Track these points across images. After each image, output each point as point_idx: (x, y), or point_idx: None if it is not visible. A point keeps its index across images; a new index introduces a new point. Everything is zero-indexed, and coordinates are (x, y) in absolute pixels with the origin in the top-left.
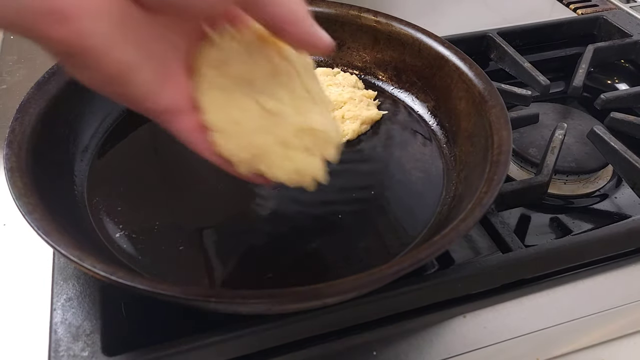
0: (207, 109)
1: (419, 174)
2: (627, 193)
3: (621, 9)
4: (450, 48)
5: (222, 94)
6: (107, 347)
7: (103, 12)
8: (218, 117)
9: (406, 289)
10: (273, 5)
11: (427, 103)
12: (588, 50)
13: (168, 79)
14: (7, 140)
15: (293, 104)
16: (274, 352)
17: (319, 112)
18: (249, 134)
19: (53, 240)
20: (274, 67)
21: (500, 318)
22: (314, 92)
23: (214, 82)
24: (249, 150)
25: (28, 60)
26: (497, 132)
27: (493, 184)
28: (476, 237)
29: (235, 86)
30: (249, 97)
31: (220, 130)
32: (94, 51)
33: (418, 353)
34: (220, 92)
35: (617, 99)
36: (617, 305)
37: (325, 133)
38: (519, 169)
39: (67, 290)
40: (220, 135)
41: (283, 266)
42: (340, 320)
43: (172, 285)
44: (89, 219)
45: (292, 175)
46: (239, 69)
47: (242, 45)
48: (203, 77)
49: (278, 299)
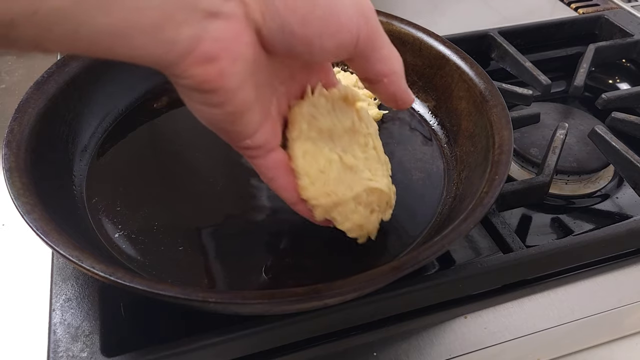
0: (297, 155)
1: (420, 174)
2: (629, 193)
3: (622, 8)
4: (451, 47)
5: (311, 144)
6: (106, 347)
7: (241, 55)
8: (307, 164)
9: (407, 290)
10: (379, 63)
11: (427, 103)
12: (589, 50)
13: (267, 119)
14: (6, 140)
15: (365, 162)
16: (274, 353)
17: (384, 174)
18: (331, 183)
19: (52, 241)
20: (352, 126)
21: (501, 319)
22: (380, 152)
23: (305, 133)
24: (329, 197)
25: (27, 60)
26: (498, 132)
27: (494, 184)
28: (477, 237)
29: (321, 138)
30: (333, 151)
31: (307, 176)
32: (228, 90)
33: (418, 354)
34: (310, 143)
35: (618, 99)
36: (619, 305)
37: (389, 196)
38: (520, 169)
39: (66, 291)
40: (307, 180)
41: (283, 266)
42: (340, 321)
43: (171, 286)
44: (88, 219)
45: (355, 228)
46: (325, 123)
47: (329, 103)
48: (297, 127)
49: (278, 299)
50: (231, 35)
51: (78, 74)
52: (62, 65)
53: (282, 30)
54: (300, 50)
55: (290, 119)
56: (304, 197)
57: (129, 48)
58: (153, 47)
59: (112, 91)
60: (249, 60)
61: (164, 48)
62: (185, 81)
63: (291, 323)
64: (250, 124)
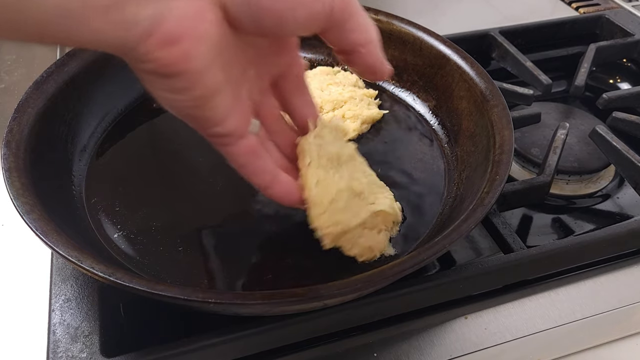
0: (310, 185)
1: (420, 174)
2: (629, 193)
3: (623, 7)
4: (452, 47)
5: (323, 172)
6: (106, 348)
7: (206, 34)
8: (319, 193)
9: (407, 290)
10: (355, 32)
11: (428, 102)
12: (590, 50)
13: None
14: (5, 140)
15: (368, 186)
16: (273, 354)
17: (385, 195)
18: (339, 212)
19: (51, 241)
20: (351, 151)
21: (501, 319)
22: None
23: (316, 161)
24: (337, 226)
25: (26, 60)
26: (499, 132)
27: (495, 184)
28: (478, 237)
29: (332, 166)
30: (342, 178)
31: (319, 205)
32: (194, 73)
33: (419, 355)
34: (321, 171)
35: (619, 99)
36: (620, 306)
37: (393, 216)
38: (520, 169)
39: (66, 291)
40: (318, 210)
41: (283, 267)
42: (340, 322)
43: (171, 286)
44: (88, 219)
45: (364, 251)
46: (334, 149)
47: (332, 133)
48: (308, 156)
49: (278, 300)
50: (194, 13)
51: (77, 74)
52: (62, 65)
53: (248, 3)
54: (269, 23)
55: (300, 149)
56: (314, 225)
57: (85, 31)
58: (111, 29)
59: (111, 91)
60: (214, 40)
61: (123, 30)
62: (146, 65)
63: (291, 324)
64: (219, 108)
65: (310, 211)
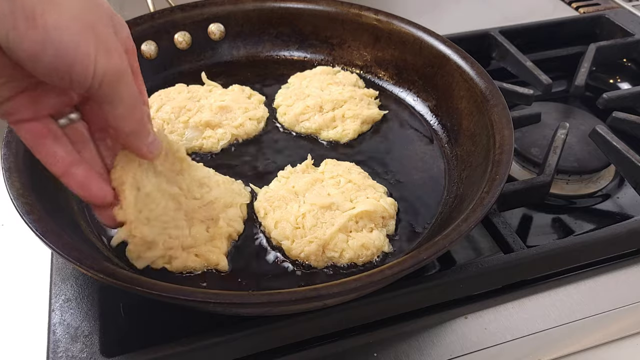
0: (271, 228)
1: (421, 174)
2: (629, 193)
3: (623, 7)
4: (452, 47)
5: (280, 212)
6: (106, 348)
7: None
8: (283, 231)
9: (407, 290)
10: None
11: (428, 102)
12: (590, 49)
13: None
14: (5, 141)
15: (342, 195)
16: (274, 354)
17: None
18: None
19: (51, 241)
20: (313, 177)
21: (501, 319)
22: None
23: (273, 207)
24: (313, 243)
25: None
26: (499, 132)
27: (495, 184)
28: (478, 237)
29: (293, 199)
30: (301, 206)
31: (288, 239)
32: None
33: (419, 354)
34: (279, 212)
35: (619, 98)
36: (619, 306)
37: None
38: (521, 169)
39: (66, 291)
40: (289, 243)
41: (283, 266)
42: (340, 322)
43: (171, 286)
44: (87, 219)
45: (360, 250)
46: (296, 183)
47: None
48: (268, 205)
49: (278, 300)
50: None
51: None
52: None
53: (9, 49)
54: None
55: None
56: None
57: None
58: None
59: None
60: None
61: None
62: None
63: (291, 324)
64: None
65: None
